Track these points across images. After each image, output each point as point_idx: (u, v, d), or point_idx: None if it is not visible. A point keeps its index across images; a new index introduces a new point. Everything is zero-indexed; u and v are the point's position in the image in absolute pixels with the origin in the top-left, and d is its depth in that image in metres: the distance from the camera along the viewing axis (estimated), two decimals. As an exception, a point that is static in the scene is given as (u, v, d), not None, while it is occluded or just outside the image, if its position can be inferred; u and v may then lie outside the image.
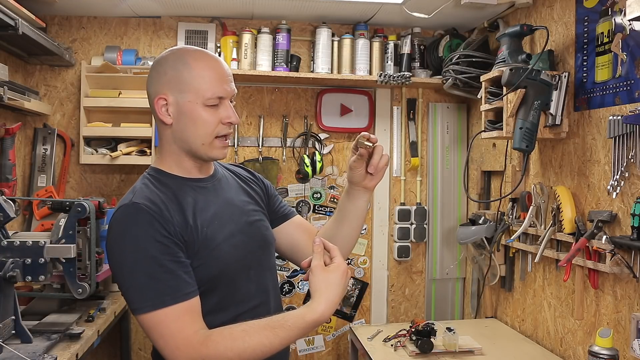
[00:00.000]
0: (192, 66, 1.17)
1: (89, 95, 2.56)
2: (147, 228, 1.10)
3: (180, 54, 1.20)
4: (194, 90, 1.16)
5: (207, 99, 1.17)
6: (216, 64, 1.20)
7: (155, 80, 1.20)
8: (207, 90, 1.17)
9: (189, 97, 1.17)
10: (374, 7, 2.50)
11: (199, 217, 1.18)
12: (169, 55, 1.21)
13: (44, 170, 2.56)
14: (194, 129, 1.18)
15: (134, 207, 1.12)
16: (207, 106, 1.17)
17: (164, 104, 1.18)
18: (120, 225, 1.13)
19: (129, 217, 1.12)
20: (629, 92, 1.67)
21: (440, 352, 2.00)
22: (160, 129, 1.23)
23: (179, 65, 1.18)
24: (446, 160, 2.93)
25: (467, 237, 2.48)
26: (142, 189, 1.19)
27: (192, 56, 1.19)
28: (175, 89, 1.17)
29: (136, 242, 1.09)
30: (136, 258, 1.09)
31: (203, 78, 1.17)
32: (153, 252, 1.08)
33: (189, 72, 1.17)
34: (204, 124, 1.18)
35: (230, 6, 2.52)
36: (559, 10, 2.07)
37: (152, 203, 1.13)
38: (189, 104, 1.17)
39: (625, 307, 1.70)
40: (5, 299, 1.59)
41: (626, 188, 1.68)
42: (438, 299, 2.94)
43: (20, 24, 1.95)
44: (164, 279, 1.08)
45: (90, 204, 1.76)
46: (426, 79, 2.70)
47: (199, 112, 1.17)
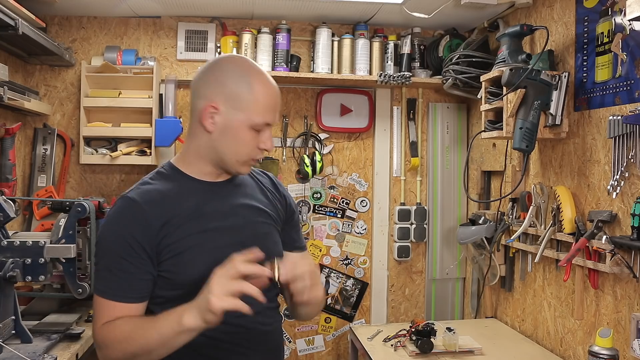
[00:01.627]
0: (254, 89, 1.19)
1: (89, 95, 2.56)
2: (125, 226, 1.16)
3: (244, 71, 1.20)
4: (247, 112, 1.18)
5: (255, 124, 1.19)
6: (274, 93, 1.23)
7: (211, 86, 1.20)
8: (258, 116, 1.19)
9: (240, 116, 1.19)
10: (374, 7, 2.50)
11: (190, 222, 1.20)
12: (231, 67, 1.21)
13: (44, 170, 2.56)
14: (234, 146, 1.21)
15: (126, 201, 1.20)
16: (252, 129, 1.20)
17: (214, 112, 1.19)
18: (110, 213, 1.22)
19: (118, 209, 1.20)
20: (629, 92, 1.67)
21: (440, 352, 2.00)
22: (197, 131, 1.23)
23: (242, 82, 1.19)
24: (446, 160, 2.93)
25: (467, 237, 2.48)
26: (146, 183, 1.24)
27: (256, 78, 1.20)
28: (230, 104, 1.19)
29: (111, 235, 1.18)
30: (106, 248, 1.18)
31: (259, 103, 1.19)
32: (119, 251, 1.15)
33: (249, 94, 1.18)
34: (245, 145, 1.21)
35: (230, 6, 2.52)
36: (559, 10, 2.07)
37: (145, 203, 1.18)
38: (238, 122, 1.19)
39: (625, 307, 1.70)
40: (5, 299, 1.59)
41: (626, 188, 1.68)
42: (438, 299, 2.94)
43: (20, 24, 1.95)
44: (117, 276, 1.16)
45: (90, 204, 1.76)
46: (426, 79, 2.70)
47: (244, 132, 1.20)
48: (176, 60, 2.71)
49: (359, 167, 2.90)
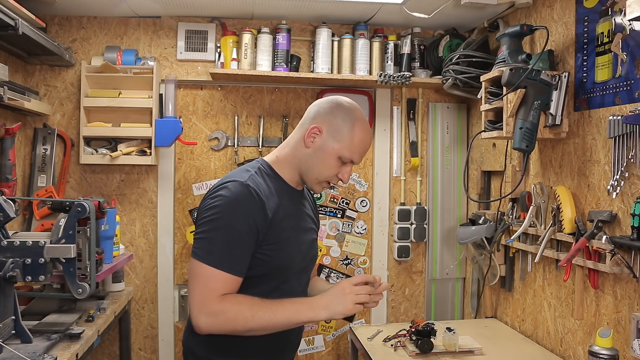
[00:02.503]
0: (354, 130, 1.43)
1: (89, 95, 2.56)
2: (248, 209, 1.34)
3: (354, 115, 1.45)
4: (341, 144, 1.43)
5: (343, 156, 1.43)
6: (367, 142, 1.47)
7: (326, 116, 1.45)
8: (348, 151, 1.43)
9: (334, 145, 1.43)
10: (374, 7, 2.50)
11: (285, 218, 1.43)
12: (347, 108, 1.46)
13: (44, 170, 2.56)
14: (319, 166, 1.45)
15: (247, 187, 1.36)
16: (338, 159, 1.44)
17: (317, 133, 1.44)
18: (232, 194, 1.35)
19: (241, 192, 1.35)
20: (629, 92, 1.67)
21: (440, 352, 2.00)
22: (297, 144, 1.48)
23: (348, 122, 1.44)
24: (446, 160, 2.93)
25: (467, 237, 2.48)
26: (255, 176, 1.42)
27: (360, 124, 1.45)
28: (332, 133, 1.43)
29: (236, 213, 1.33)
30: (228, 224, 1.33)
31: (353, 143, 1.43)
32: (241, 229, 1.33)
33: (349, 132, 1.43)
34: (327, 169, 1.45)
35: (230, 6, 2.52)
36: (559, 10, 2.07)
37: (260, 192, 1.38)
38: (330, 148, 1.43)
39: (625, 307, 1.70)
40: (5, 299, 1.59)
41: (626, 188, 1.68)
42: (438, 299, 2.94)
43: (20, 24, 1.95)
44: (233, 250, 1.33)
45: (90, 204, 1.76)
46: (426, 79, 2.70)
47: (332, 159, 1.44)
48: (176, 60, 2.71)
49: (359, 167, 2.90)
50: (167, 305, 2.72)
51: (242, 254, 1.34)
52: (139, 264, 2.72)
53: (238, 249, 1.33)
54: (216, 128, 2.78)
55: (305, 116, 1.50)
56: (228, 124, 2.78)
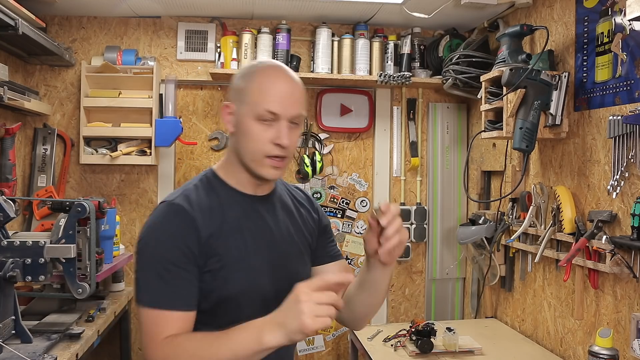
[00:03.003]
0: (255, 79, 1.17)
1: (89, 95, 2.56)
2: (174, 232, 1.12)
3: (254, 68, 1.20)
4: (249, 102, 1.15)
5: (258, 113, 1.14)
6: (279, 81, 1.17)
7: (231, 90, 1.23)
8: (259, 104, 1.14)
9: (245, 109, 1.16)
10: (374, 7, 2.50)
11: (232, 234, 1.17)
12: (248, 67, 1.22)
13: (44, 170, 2.56)
14: (245, 142, 1.17)
15: (173, 207, 1.14)
16: (259, 121, 1.14)
17: (229, 111, 1.21)
18: (156, 218, 1.15)
19: (166, 215, 1.14)
20: (629, 92, 1.67)
21: (440, 352, 2.00)
22: (229, 137, 1.26)
23: (247, 76, 1.18)
24: (446, 160, 2.93)
25: (467, 237, 2.48)
26: (191, 191, 1.19)
27: (262, 71, 1.18)
28: (238, 99, 1.18)
29: (161, 240, 1.12)
30: (155, 255, 1.11)
31: (260, 91, 1.15)
32: (172, 256, 1.10)
33: (250, 84, 1.16)
34: (253, 140, 1.15)
35: (230, 6, 2.52)
36: (559, 10, 2.07)
37: (193, 208, 1.14)
38: (244, 116, 1.16)
39: (625, 307, 1.70)
40: (5, 299, 1.59)
41: (626, 188, 1.68)
42: (438, 299, 2.94)
43: (20, 24, 1.95)
44: (169, 284, 1.09)
45: (90, 204, 1.76)
46: (426, 79, 2.70)
47: (250, 125, 1.15)
48: (176, 60, 2.71)
49: (359, 167, 2.90)
50: (167, 305, 2.72)
51: (183, 284, 1.10)
52: (139, 264, 2.72)
53: (175, 280, 1.09)
54: (216, 128, 2.78)
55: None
56: (228, 124, 2.78)
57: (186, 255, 1.11)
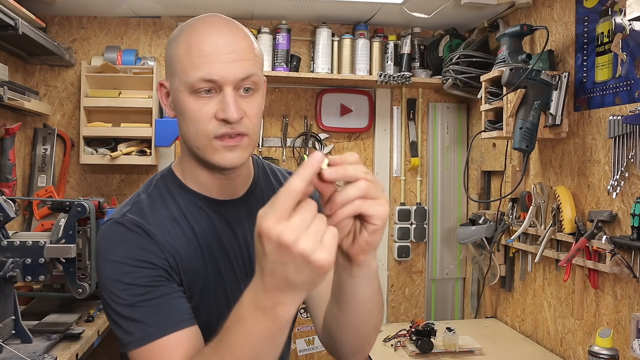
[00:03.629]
0: (182, 40, 0.90)
1: (89, 95, 2.56)
2: (132, 250, 0.88)
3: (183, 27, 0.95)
4: (178, 73, 0.89)
5: (190, 84, 0.87)
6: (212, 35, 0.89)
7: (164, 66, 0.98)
8: (189, 71, 0.87)
9: (176, 82, 0.90)
10: (374, 7, 2.50)
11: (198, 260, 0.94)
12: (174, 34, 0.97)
13: (44, 170, 2.56)
14: (186, 125, 0.90)
15: (123, 224, 0.91)
16: (194, 94, 0.87)
17: (164, 92, 0.95)
18: (103, 243, 0.91)
19: (114, 235, 0.90)
20: (629, 92, 1.67)
21: (440, 352, 2.00)
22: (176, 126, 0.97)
23: (174, 40, 0.92)
24: (446, 160, 2.93)
25: (467, 237, 2.48)
26: (143, 202, 0.95)
27: (190, 28, 0.92)
28: (170, 72, 0.92)
29: (118, 265, 0.87)
30: (117, 286, 0.86)
31: (189, 55, 0.87)
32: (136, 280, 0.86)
33: (177, 49, 0.90)
34: (192, 120, 0.88)
35: (230, 6, 2.52)
36: (559, 10, 2.07)
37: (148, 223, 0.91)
38: (177, 92, 0.90)
39: (625, 307, 1.70)
40: (5, 299, 1.59)
41: (626, 188, 1.68)
42: (438, 299, 2.94)
43: (20, 24, 1.95)
44: (150, 307, 0.86)
45: (90, 204, 1.76)
46: (426, 79, 2.70)
47: (185, 102, 0.88)
48: (176, 60, 2.71)
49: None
50: (167, 305, 2.72)
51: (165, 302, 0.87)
52: (139, 264, 2.72)
53: (152, 301, 0.86)
54: (216, 128, 2.77)
55: None
56: (228, 124, 2.78)
57: (152, 270, 0.88)
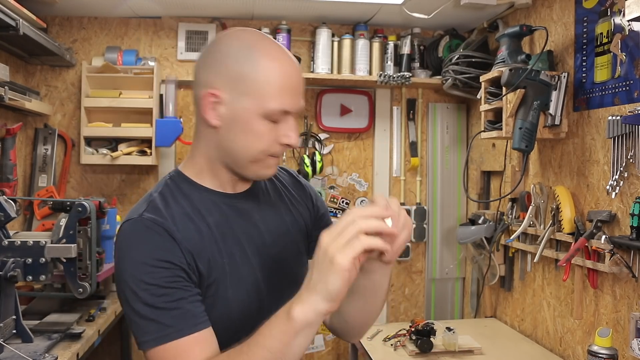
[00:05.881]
0: (260, 65, 0.94)
1: (90, 95, 2.56)
2: (153, 250, 0.92)
3: (249, 44, 0.95)
4: (256, 96, 0.94)
5: (269, 111, 0.94)
6: (291, 69, 0.96)
7: (209, 67, 0.97)
8: (272, 100, 0.94)
9: (248, 103, 0.94)
10: (374, 8, 2.51)
11: (215, 248, 0.98)
12: (234, 41, 0.97)
13: (45, 170, 2.57)
14: (245, 142, 0.96)
15: (142, 223, 0.94)
16: (267, 118, 0.95)
17: (215, 101, 0.96)
18: (124, 242, 0.95)
19: (135, 234, 0.94)
20: (628, 92, 1.67)
21: (439, 351, 2.00)
22: (201, 127, 1.01)
23: (245, 58, 0.94)
24: (446, 160, 2.93)
25: (467, 237, 2.48)
26: (157, 201, 0.98)
27: (264, 52, 0.95)
28: (234, 87, 0.94)
29: (139, 265, 0.91)
30: (138, 284, 0.90)
31: (270, 84, 0.94)
32: (156, 280, 0.90)
33: (254, 72, 0.94)
34: (258, 140, 0.96)
35: (230, 6, 2.53)
36: (558, 11, 2.07)
37: (165, 219, 0.95)
38: (246, 111, 0.94)
39: (624, 306, 1.70)
40: (6, 299, 1.59)
41: (625, 188, 1.69)
42: (438, 298, 2.95)
43: (21, 24, 1.95)
44: (168, 309, 0.90)
45: (90, 204, 1.76)
46: (426, 79, 2.71)
47: (257, 123, 0.95)
48: (177, 61, 2.72)
49: (359, 167, 2.90)
50: (167, 305, 2.72)
51: (183, 304, 0.91)
52: (140, 263, 2.72)
53: (171, 302, 0.90)
54: (216, 128, 2.78)
55: (193, 86, 1.00)
56: (228, 124, 2.78)
57: (172, 270, 0.92)
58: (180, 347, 0.89)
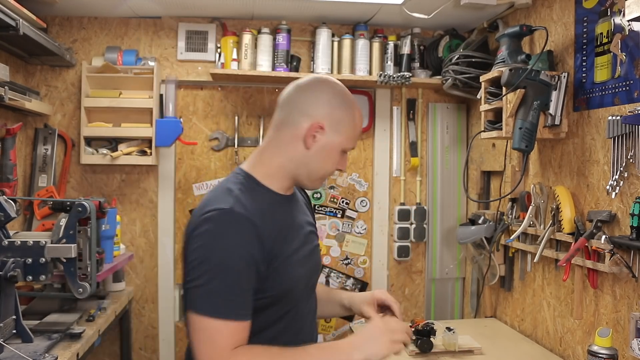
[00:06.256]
0: (354, 117, 1.29)
1: (90, 95, 2.56)
2: (240, 242, 1.13)
3: (348, 98, 1.30)
4: (343, 135, 1.27)
5: (346, 147, 1.30)
6: (361, 121, 1.35)
7: (319, 106, 1.26)
8: (351, 141, 1.30)
9: (339, 139, 1.26)
10: (374, 8, 2.51)
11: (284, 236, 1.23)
12: (337, 92, 1.29)
13: (45, 170, 2.57)
14: (323, 165, 1.28)
15: (236, 215, 1.14)
16: (342, 151, 1.30)
17: (319, 131, 1.25)
18: (218, 227, 1.13)
19: (231, 223, 1.14)
20: (628, 92, 1.67)
21: (439, 351, 2.00)
22: (291, 145, 1.26)
23: (348, 109, 1.28)
24: (446, 160, 2.93)
25: (467, 237, 2.48)
26: (240, 196, 1.19)
27: (356, 109, 1.31)
28: (334, 127, 1.26)
29: (231, 249, 1.12)
30: (223, 264, 1.11)
31: (353, 130, 1.29)
32: (238, 267, 1.12)
33: (350, 120, 1.28)
34: (332, 165, 1.29)
35: (230, 6, 2.53)
36: (558, 11, 2.07)
37: (254, 217, 1.16)
38: (334, 144, 1.26)
39: (624, 306, 1.70)
40: (6, 299, 1.59)
41: (625, 188, 1.69)
42: (438, 298, 2.95)
43: (21, 24, 1.95)
44: (234, 294, 1.12)
45: (90, 204, 1.76)
46: (426, 79, 2.71)
47: (336, 153, 1.28)
48: (176, 61, 2.72)
49: (359, 167, 2.90)
50: (167, 305, 2.73)
51: (245, 295, 1.14)
52: (140, 263, 2.73)
53: (239, 290, 1.13)
54: (216, 128, 2.78)
55: (292, 110, 1.26)
56: (228, 124, 2.78)
57: (250, 266, 1.14)
58: (222, 328, 1.11)
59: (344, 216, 2.89)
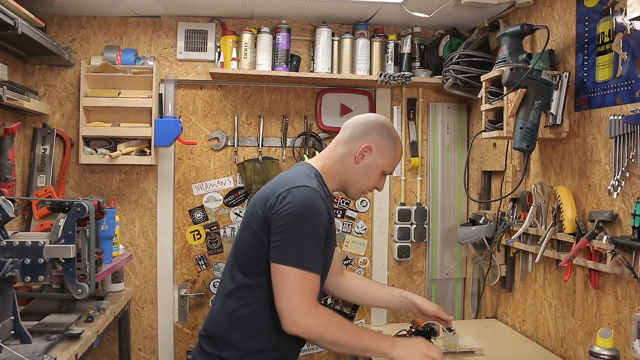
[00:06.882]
0: (396, 149, 1.66)
1: (89, 95, 2.55)
2: (321, 216, 1.46)
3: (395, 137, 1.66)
4: (385, 160, 1.63)
5: (385, 170, 1.65)
6: (401, 153, 1.74)
7: (375, 136, 1.62)
8: (390, 166, 1.65)
9: (381, 161, 1.62)
10: (374, 7, 2.50)
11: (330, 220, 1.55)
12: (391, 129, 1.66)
13: (43, 170, 2.56)
14: (364, 180, 1.64)
15: (318, 194, 1.47)
16: (381, 173, 1.64)
17: (367, 152, 1.60)
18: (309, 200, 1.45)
19: (316, 199, 1.46)
20: (630, 91, 1.67)
21: (440, 352, 1.99)
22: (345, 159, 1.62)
23: (392, 142, 1.64)
24: (446, 160, 2.93)
25: (468, 237, 2.47)
26: (316, 184, 1.51)
27: (399, 144, 1.67)
28: (380, 151, 1.62)
29: (317, 219, 1.45)
30: (313, 227, 1.44)
31: (394, 158, 1.66)
32: (320, 234, 1.46)
33: (393, 150, 1.65)
34: (371, 182, 1.65)
35: (230, 6, 2.52)
36: (559, 10, 2.06)
37: (326, 201, 1.52)
38: (377, 165, 1.62)
39: (626, 307, 1.70)
40: (5, 299, 1.58)
41: (627, 188, 1.68)
42: (438, 299, 2.94)
43: (20, 23, 1.94)
44: (319, 254, 1.46)
45: (89, 204, 1.75)
46: (426, 79, 2.70)
47: (376, 173, 1.64)
48: (176, 60, 2.71)
49: (359, 167, 2.89)
50: (166, 306, 2.72)
51: (322, 256, 1.47)
52: (139, 264, 2.72)
53: (319, 252, 1.45)
54: (216, 128, 2.77)
55: (352, 133, 1.62)
56: (228, 123, 2.78)
57: (324, 235, 1.47)
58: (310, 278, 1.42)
59: (344, 216, 2.88)
